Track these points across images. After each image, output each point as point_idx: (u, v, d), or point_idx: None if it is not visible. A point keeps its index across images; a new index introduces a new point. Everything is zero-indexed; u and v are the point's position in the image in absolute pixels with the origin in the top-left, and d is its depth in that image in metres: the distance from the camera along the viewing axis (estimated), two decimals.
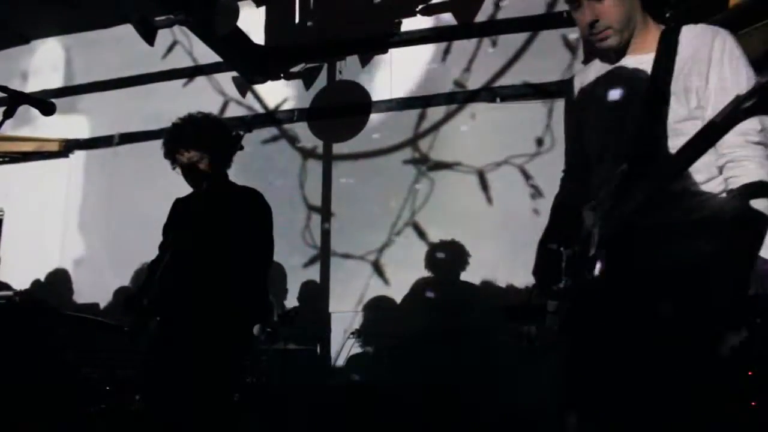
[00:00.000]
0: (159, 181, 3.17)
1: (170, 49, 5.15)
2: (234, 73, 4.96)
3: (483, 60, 4.50)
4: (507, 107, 4.35)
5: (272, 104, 5.01)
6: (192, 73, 5.16)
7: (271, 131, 4.93)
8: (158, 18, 4.32)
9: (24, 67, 5.79)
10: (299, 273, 4.55)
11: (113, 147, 5.30)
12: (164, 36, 4.74)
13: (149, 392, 2.71)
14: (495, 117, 4.36)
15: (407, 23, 4.71)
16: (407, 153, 4.54)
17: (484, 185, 4.28)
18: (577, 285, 1.66)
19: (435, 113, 4.53)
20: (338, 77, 4.87)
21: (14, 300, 3.25)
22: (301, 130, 4.87)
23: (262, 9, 4.90)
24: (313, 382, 4.12)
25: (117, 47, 5.21)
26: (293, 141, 4.88)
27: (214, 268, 2.58)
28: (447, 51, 4.61)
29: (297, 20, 4.87)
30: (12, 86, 2.05)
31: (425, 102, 4.57)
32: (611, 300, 1.56)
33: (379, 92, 4.74)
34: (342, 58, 4.86)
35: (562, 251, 1.75)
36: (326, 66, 4.91)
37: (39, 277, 4.98)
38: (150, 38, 4.24)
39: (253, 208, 2.71)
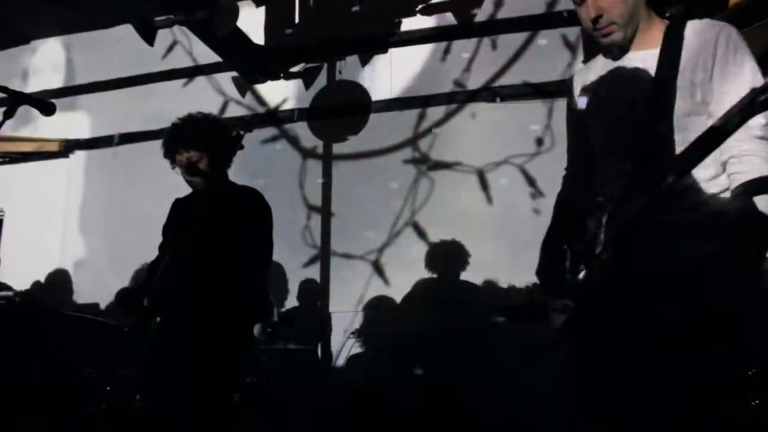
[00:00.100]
0: (159, 181, 3.16)
1: (170, 49, 5.15)
2: (234, 73, 4.96)
3: (483, 60, 4.50)
4: (507, 107, 4.35)
5: (272, 104, 5.01)
6: (192, 73, 5.16)
7: (271, 131, 4.94)
8: (158, 18, 4.32)
9: (24, 67, 5.79)
10: (299, 273, 4.55)
11: (113, 147, 5.30)
12: (164, 36, 4.74)
13: (149, 392, 2.71)
14: (495, 117, 4.36)
15: (407, 23, 4.71)
16: (407, 153, 4.54)
17: (484, 185, 4.28)
18: (583, 284, 1.65)
19: (435, 113, 4.53)
20: (338, 77, 4.88)
21: (14, 300, 3.25)
22: (301, 130, 4.87)
23: (262, 9, 4.90)
24: (314, 382, 4.12)
25: (117, 47, 5.21)
26: (293, 141, 4.88)
27: (214, 268, 2.58)
28: (447, 51, 4.62)
29: (297, 20, 4.87)
30: (12, 86, 2.05)
31: (425, 102, 4.57)
32: (618, 298, 1.55)
33: (379, 92, 4.74)
34: (342, 58, 4.86)
35: (566, 250, 1.75)
36: (326, 66, 4.91)
37: (39, 278, 4.97)
38: (150, 38, 4.25)
39: (253, 208, 2.71)
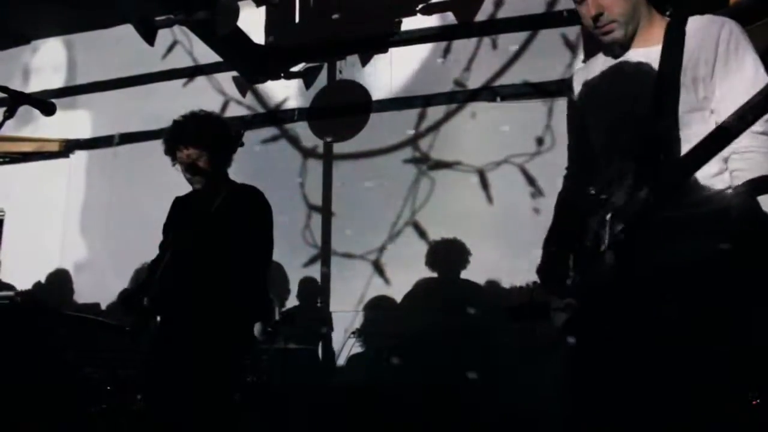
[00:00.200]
0: (159, 181, 3.17)
1: (170, 49, 5.14)
2: (234, 73, 4.96)
3: (483, 59, 4.49)
4: (507, 106, 4.35)
5: (272, 104, 5.01)
6: (192, 73, 5.16)
7: (272, 131, 4.93)
8: (158, 18, 4.32)
9: (24, 67, 5.79)
10: (299, 272, 4.55)
11: (113, 147, 5.30)
12: (164, 36, 4.74)
13: (150, 392, 2.71)
14: (495, 116, 4.36)
15: (407, 22, 4.71)
16: (407, 152, 4.54)
17: (485, 184, 4.28)
18: (587, 282, 1.65)
19: (435, 112, 4.53)
20: (338, 77, 4.88)
21: (15, 300, 3.25)
22: (302, 130, 4.87)
23: (262, 9, 4.89)
24: (314, 382, 4.12)
25: (117, 47, 5.21)
26: (294, 140, 4.88)
27: (215, 267, 2.58)
28: (447, 50, 4.61)
29: (297, 20, 4.87)
30: (12, 86, 2.05)
31: (425, 101, 4.56)
32: (624, 297, 1.54)
33: (380, 91, 4.74)
34: (342, 58, 4.86)
35: (569, 250, 1.74)
36: (326, 65, 4.91)
37: (39, 278, 4.98)
38: (150, 38, 4.25)
39: (254, 207, 2.71)
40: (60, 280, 5.00)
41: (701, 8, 1.68)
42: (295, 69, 4.89)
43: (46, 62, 5.75)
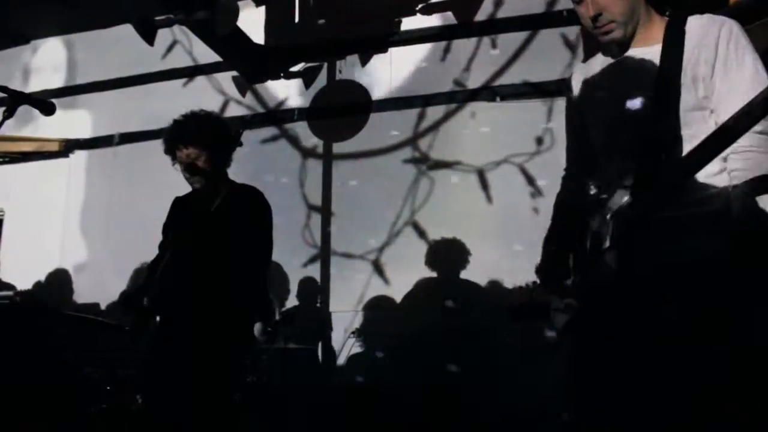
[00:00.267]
0: (159, 181, 3.17)
1: (170, 49, 5.15)
2: (234, 73, 4.96)
3: (483, 59, 4.49)
4: (507, 106, 4.35)
5: (272, 104, 5.02)
6: (192, 73, 5.16)
7: (271, 131, 4.93)
8: (158, 18, 4.31)
9: (24, 67, 5.79)
10: (299, 273, 4.55)
11: (113, 147, 5.30)
12: (164, 36, 4.75)
13: (150, 392, 2.71)
14: (495, 116, 4.36)
15: (407, 22, 4.71)
16: (407, 152, 4.53)
17: (484, 184, 4.28)
18: (587, 282, 1.65)
19: (435, 112, 4.53)
20: (338, 77, 4.87)
21: (15, 300, 3.25)
22: (301, 130, 4.87)
23: (262, 9, 4.90)
24: (314, 382, 4.12)
25: (117, 47, 5.21)
26: (293, 140, 4.88)
27: (214, 267, 2.58)
28: (447, 50, 4.61)
29: (297, 20, 4.88)
30: (12, 86, 2.05)
31: (425, 101, 4.56)
32: (624, 296, 1.54)
33: (379, 91, 4.74)
34: (342, 58, 4.86)
35: (569, 249, 1.74)
36: (326, 65, 4.91)
37: (39, 278, 4.98)
38: (150, 38, 4.24)
39: (253, 207, 2.71)
40: (60, 280, 5.00)
41: (701, 8, 1.68)
42: (295, 69, 4.89)
43: (46, 62, 5.75)
